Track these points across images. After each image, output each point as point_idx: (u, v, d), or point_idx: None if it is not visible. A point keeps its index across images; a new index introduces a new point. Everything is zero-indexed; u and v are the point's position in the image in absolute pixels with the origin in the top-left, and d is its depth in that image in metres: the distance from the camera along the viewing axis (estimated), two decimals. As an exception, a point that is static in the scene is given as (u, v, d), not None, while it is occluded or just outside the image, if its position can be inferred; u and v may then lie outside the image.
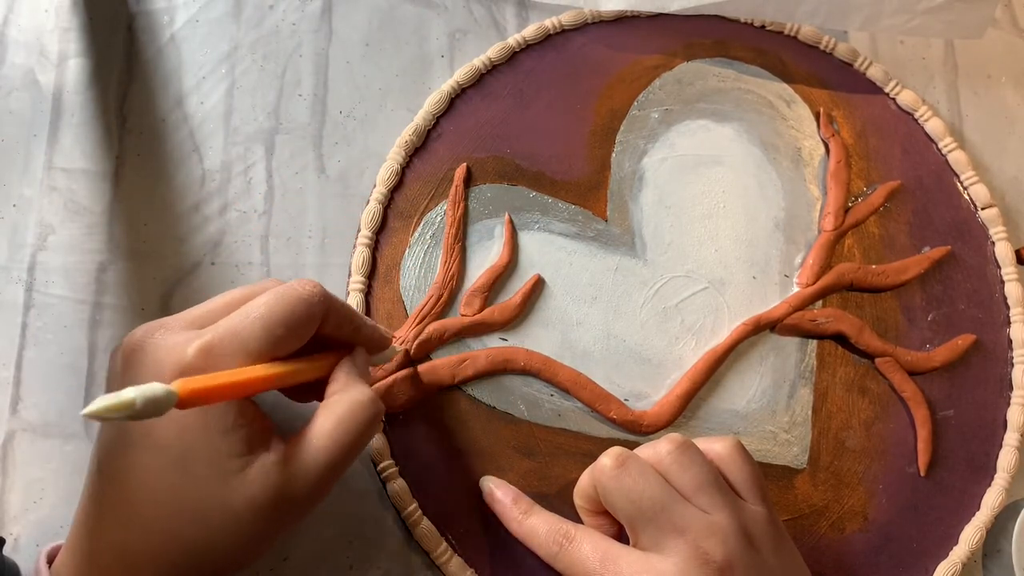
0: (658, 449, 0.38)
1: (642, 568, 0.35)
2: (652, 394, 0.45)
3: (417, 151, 0.47)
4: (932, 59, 0.53)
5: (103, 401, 0.25)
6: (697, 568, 0.35)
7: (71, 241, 0.44)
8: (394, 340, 0.43)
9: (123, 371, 0.33)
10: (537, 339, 0.45)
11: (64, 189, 0.45)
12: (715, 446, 0.39)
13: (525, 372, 0.44)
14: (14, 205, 0.45)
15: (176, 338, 0.32)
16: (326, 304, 0.35)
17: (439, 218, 0.46)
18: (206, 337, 0.32)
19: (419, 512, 0.42)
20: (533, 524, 0.40)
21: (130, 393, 0.25)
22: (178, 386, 0.27)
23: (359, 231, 0.45)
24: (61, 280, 0.44)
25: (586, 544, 0.37)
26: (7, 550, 0.40)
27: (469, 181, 0.46)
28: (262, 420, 0.33)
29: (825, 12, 0.49)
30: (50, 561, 0.35)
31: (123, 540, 0.32)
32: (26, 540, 0.41)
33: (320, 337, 0.35)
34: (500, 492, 0.42)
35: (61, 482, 0.42)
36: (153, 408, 0.26)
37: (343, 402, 0.34)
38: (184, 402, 0.27)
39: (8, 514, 0.41)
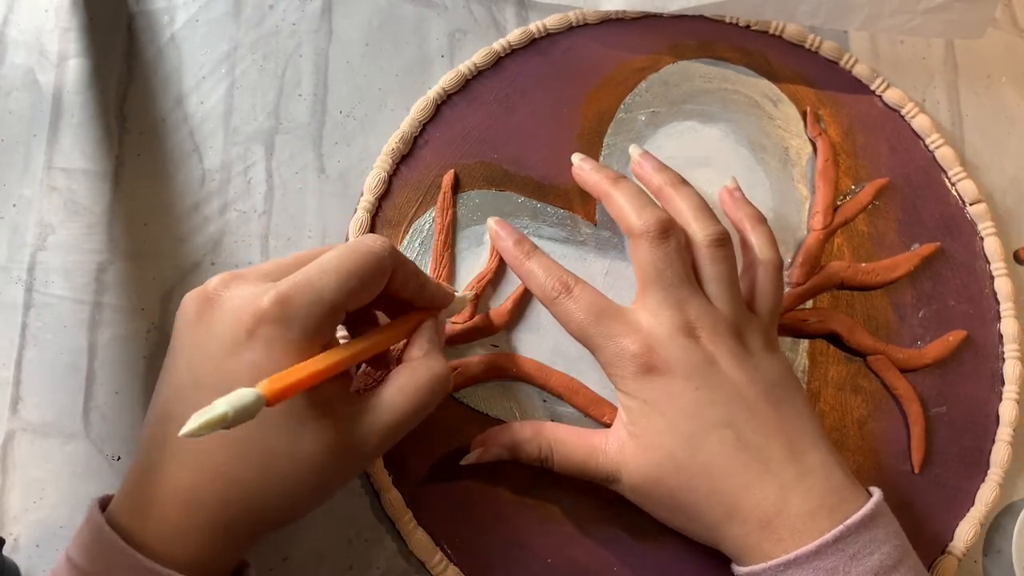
0: (700, 233, 0.38)
1: (632, 329, 0.36)
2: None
3: (404, 158, 0.44)
4: (932, 59, 0.50)
5: (198, 419, 0.25)
6: (684, 339, 0.36)
7: (71, 241, 0.42)
8: (466, 289, 0.42)
9: (197, 319, 0.32)
10: (529, 345, 0.43)
11: (64, 189, 0.43)
12: (763, 254, 0.40)
13: (517, 378, 0.42)
14: (14, 205, 0.43)
15: (252, 288, 0.32)
16: (395, 259, 0.34)
17: (427, 225, 0.43)
18: (282, 287, 0.31)
19: (413, 523, 0.40)
20: (532, 266, 0.39)
21: (221, 407, 0.25)
22: (263, 388, 0.27)
23: (347, 240, 0.43)
24: (61, 280, 0.42)
25: (584, 298, 0.37)
26: (7, 550, 0.38)
27: (457, 187, 0.44)
28: (339, 379, 0.33)
29: (825, 12, 0.46)
30: (103, 508, 0.33)
31: (187, 484, 0.31)
32: (26, 540, 0.39)
33: (387, 294, 0.35)
34: (504, 232, 0.41)
35: (61, 482, 0.40)
36: (245, 415, 0.26)
37: (421, 369, 0.34)
38: (271, 402, 0.28)
39: (8, 514, 0.39)
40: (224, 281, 0.32)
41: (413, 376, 0.33)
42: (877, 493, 0.35)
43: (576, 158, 0.43)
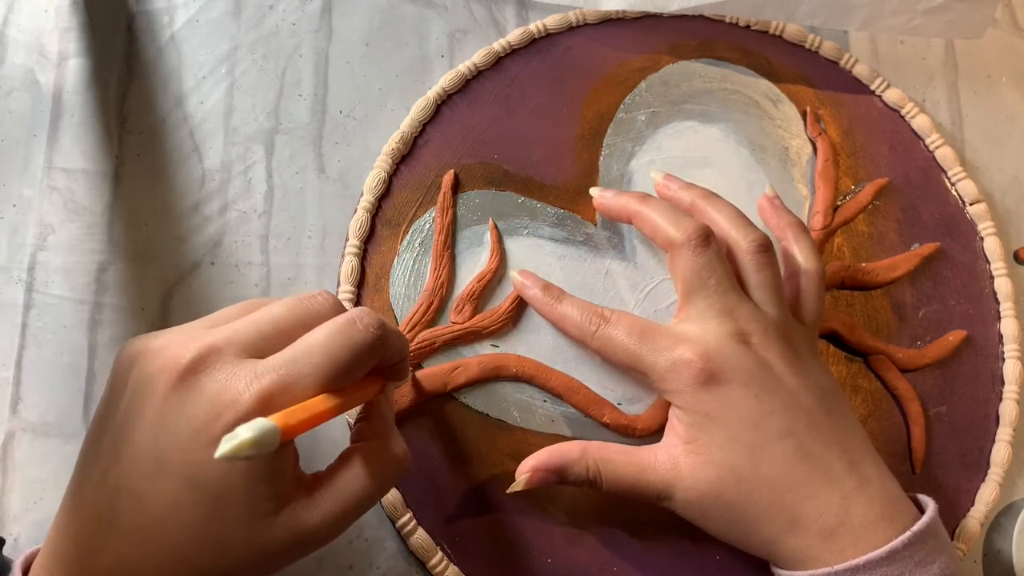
0: (743, 241, 0.37)
1: (682, 340, 0.35)
2: (645, 397, 0.42)
3: (404, 158, 0.43)
4: (932, 59, 0.49)
5: (228, 443, 0.24)
6: (736, 345, 0.35)
7: (71, 241, 0.41)
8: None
9: (168, 394, 0.28)
10: (529, 345, 0.42)
11: (64, 189, 0.42)
12: (807, 263, 0.39)
13: (517, 378, 0.41)
14: (14, 205, 0.42)
15: (234, 374, 0.28)
16: (383, 342, 0.31)
17: (427, 225, 0.42)
18: (265, 384, 0.28)
19: (414, 522, 0.39)
20: (565, 308, 0.39)
21: (247, 433, 0.25)
22: (277, 422, 0.26)
23: (347, 240, 0.42)
24: (61, 280, 0.41)
25: (624, 321, 0.37)
26: (7, 550, 0.37)
27: (457, 187, 0.43)
28: (296, 462, 0.31)
29: (825, 12, 0.45)
30: (26, 570, 0.31)
31: (133, 561, 0.28)
32: (26, 540, 0.38)
33: None
34: (529, 281, 0.40)
35: (61, 482, 0.38)
36: (268, 444, 0.25)
37: (382, 453, 0.32)
38: (285, 437, 0.26)
39: (8, 514, 0.38)
40: (201, 358, 0.29)
41: (373, 461, 0.31)
42: (932, 503, 0.34)
43: (595, 191, 0.42)
